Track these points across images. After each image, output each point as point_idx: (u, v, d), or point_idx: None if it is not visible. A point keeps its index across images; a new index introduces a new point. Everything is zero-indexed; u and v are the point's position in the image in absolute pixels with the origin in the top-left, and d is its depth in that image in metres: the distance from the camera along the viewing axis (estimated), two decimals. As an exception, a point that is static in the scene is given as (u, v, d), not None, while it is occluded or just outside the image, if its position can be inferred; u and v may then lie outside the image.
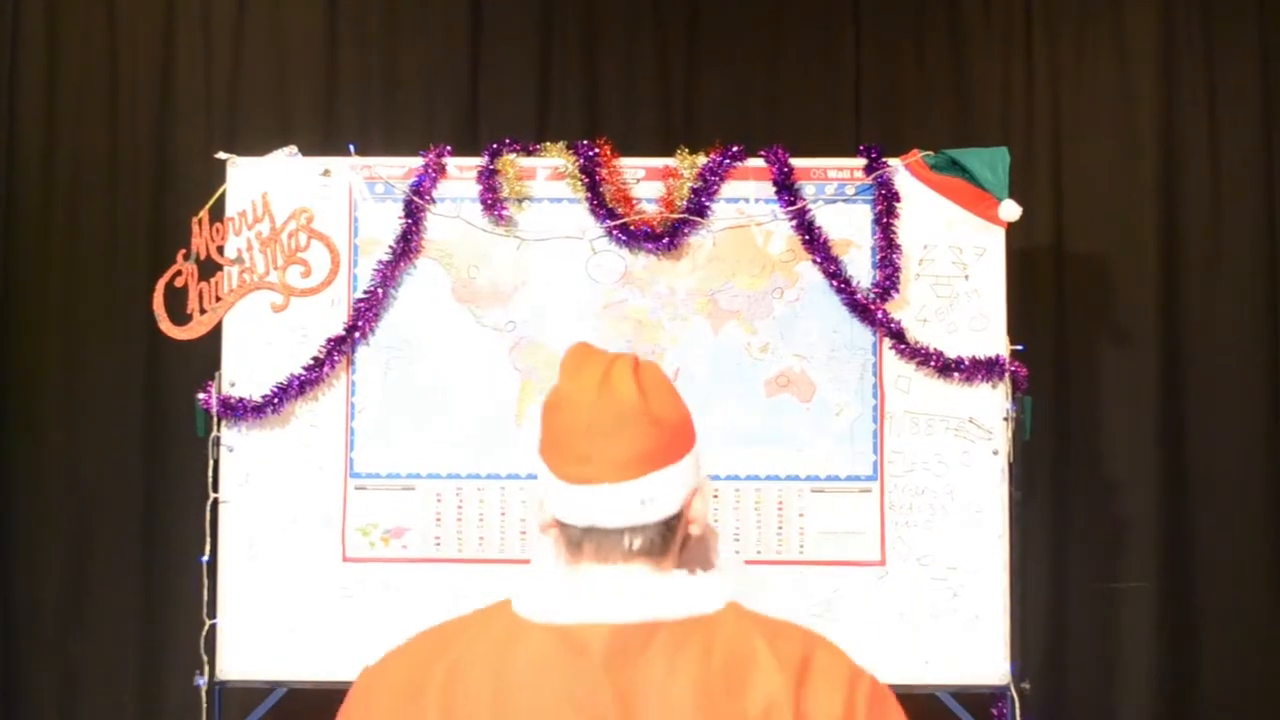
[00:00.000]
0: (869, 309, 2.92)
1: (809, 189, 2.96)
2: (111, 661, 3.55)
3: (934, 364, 2.92)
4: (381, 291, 2.94)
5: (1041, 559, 3.44)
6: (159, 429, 3.53)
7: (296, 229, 2.97)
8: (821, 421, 2.95)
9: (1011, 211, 2.93)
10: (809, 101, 3.60)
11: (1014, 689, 2.89)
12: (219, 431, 2.94)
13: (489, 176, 2.95)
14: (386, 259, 2.95)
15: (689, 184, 2.94)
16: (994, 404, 2.94)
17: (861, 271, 2.96)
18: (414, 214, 2.96)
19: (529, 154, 2.99)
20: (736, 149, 2.96)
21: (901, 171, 2.96)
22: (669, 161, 2.96)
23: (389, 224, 2.96)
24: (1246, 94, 3.60)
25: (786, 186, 2.94)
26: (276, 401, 2.91)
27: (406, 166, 2.99)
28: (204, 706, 2.91)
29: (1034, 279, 3.51)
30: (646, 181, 2.97)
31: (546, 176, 2.98)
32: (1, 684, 3.54)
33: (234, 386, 2.94)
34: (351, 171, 3.00)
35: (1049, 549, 3.50)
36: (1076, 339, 3.57)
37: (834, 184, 2.97)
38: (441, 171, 2.98)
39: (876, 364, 2.95)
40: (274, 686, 2.97)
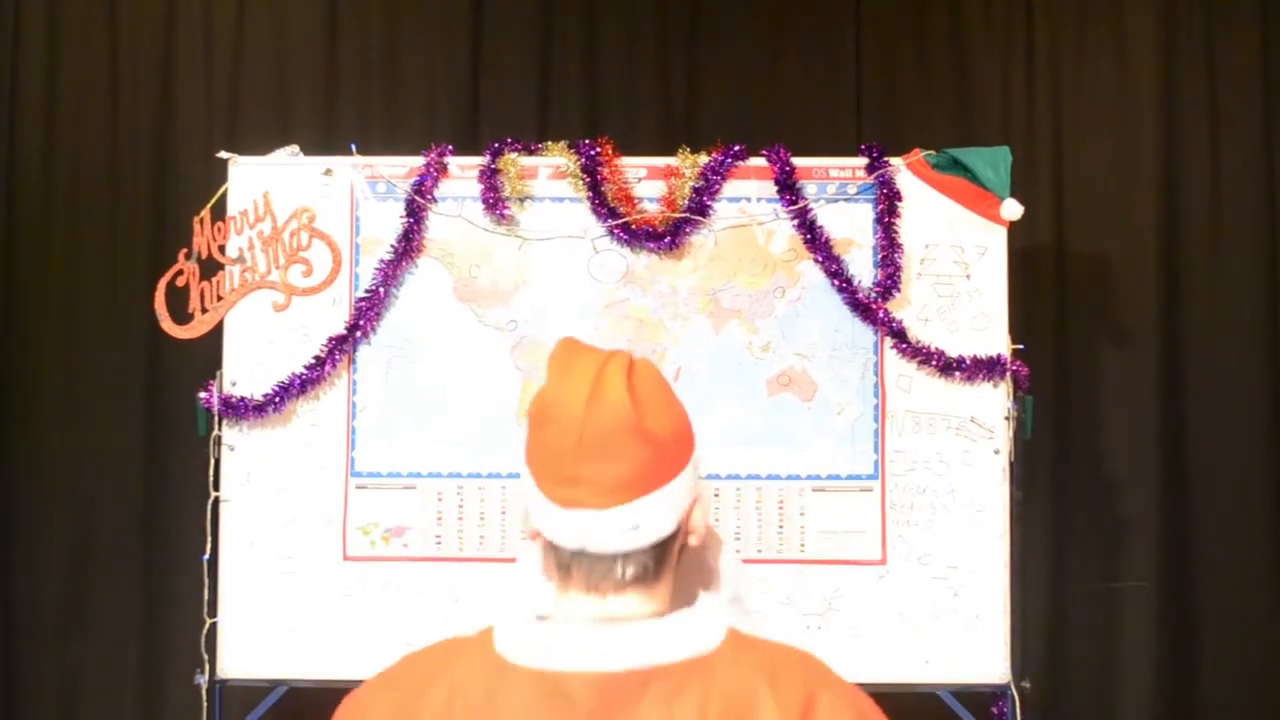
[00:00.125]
0: (870, 308, 2.93)
1: (810, 188, 2.96)
2: (111, 661, 3.54)
3: (935, 363, 2.92)
4: (383, 291, 2.94)
5: (1042, 559, 3.45)
6: (160, 428, 3.53)
7: (298, 228, 2.97)
8: (823, 420, 2.95)
9: (1013, 211, 2.93)
10: (810, 101, 3.60)
11: (1014, 688, 2.89)
12: (220, 430, 2.94)
13: (490, 176, 2.95)
14: (388, 258, 2.95)
15: (690, 183, 2.94)
16: (995, 403, 2.94)
17: (863, 271, 2.96)
18: (415, 213, 2.96)
19: (530, 153, 2.99)
20: (738, 148, 2.96)
21: (903, 171, 2.96)
22: (670, 161, 2.96)
23: (390, 223, 2.96)
24: (1247, 94, 3.60)
25: (788, 186, 2.94)
26: (278, 400, 2.91)
27: (408, 166, 2.99)
28: (204, 705, 2.91)
29: (1035, 278, 3.51)
30: (648, 181, 2.97)
31: (548, 176, 2.98)
32: (1, 684, 3.54)
33: (235, 385, 2.94)
34: (353, 171, 2.99)
35: (1049, 549, 3.50)
36: (1077, 339, 3.57)
37: (835, 183, 2.98)
38: (443, 171, 2.98)
39: (878, 363, 2.95)
40: (275, 685, 2.97)
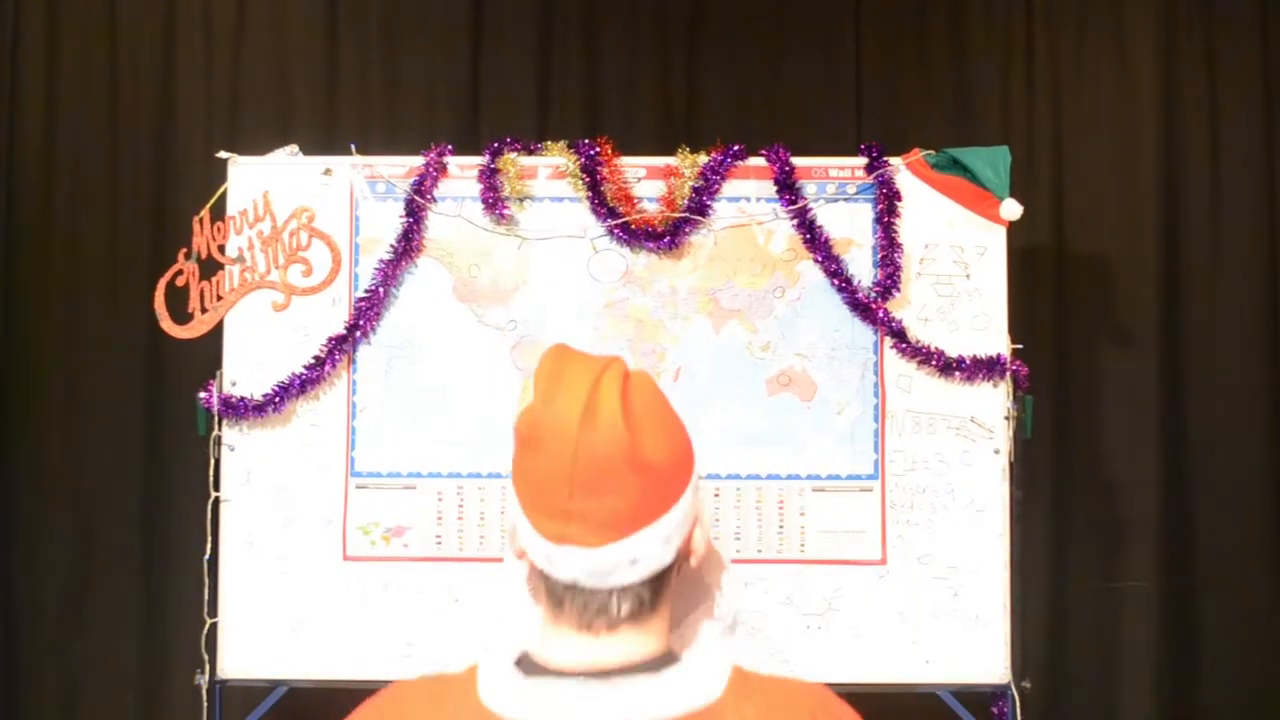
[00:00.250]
0: (870, 308, 2.92)
1: (810, 188, 2.96)
2: (111, 661, 3.54)
3: (935, 363, 2.92)
4: (383, 290, 2.94)
5: (1042, 559, 3.45)
6: (159, 428, 3.53)
7: (298, 228, 2.97)
8: (822, 420, 2.95)
9: (1013, 210, 2.92)
10: (810, 100, 3.60)
11: (1014, 688, 2.89)
12: (220, 430, 2.94)
13: (490, 175, 2.95)
14: (388, 258, 2.94)
15: (690, 183, 2.94)
16: (995, 403, 2.94)
17: (863, 270, 2.96)
18: (415, 213, 2.96)
19: (530, 153, 2.99)
20: (738, 148, 2.96)
21: (903, 170, 2.96)
22: (670, 160, 2.96)
23: (390, 223, 2.96)
24: (1247, 94, 3.60)
25: (788, 185, 2.94)
26: (278, 400, 2.91)
27: (408, 165, 2.99)
28: (204, 705, 2.91)
29: (1035, 278, 3.51)
30: (648, 180, 2.97)
31: (548, 175, 2.98)
32: (1, 684, 3.54)
33: (235, 385, 2.94)
34: (353, 170, 2.99)
35: (1049, 549, 3.50)
36: (1077, 339, 3.57)
37: (835, 183, 2.98)
38: (443, 170, 2.98)
39: (878, 363, 2.95)
40: (275, 685, 2.97)
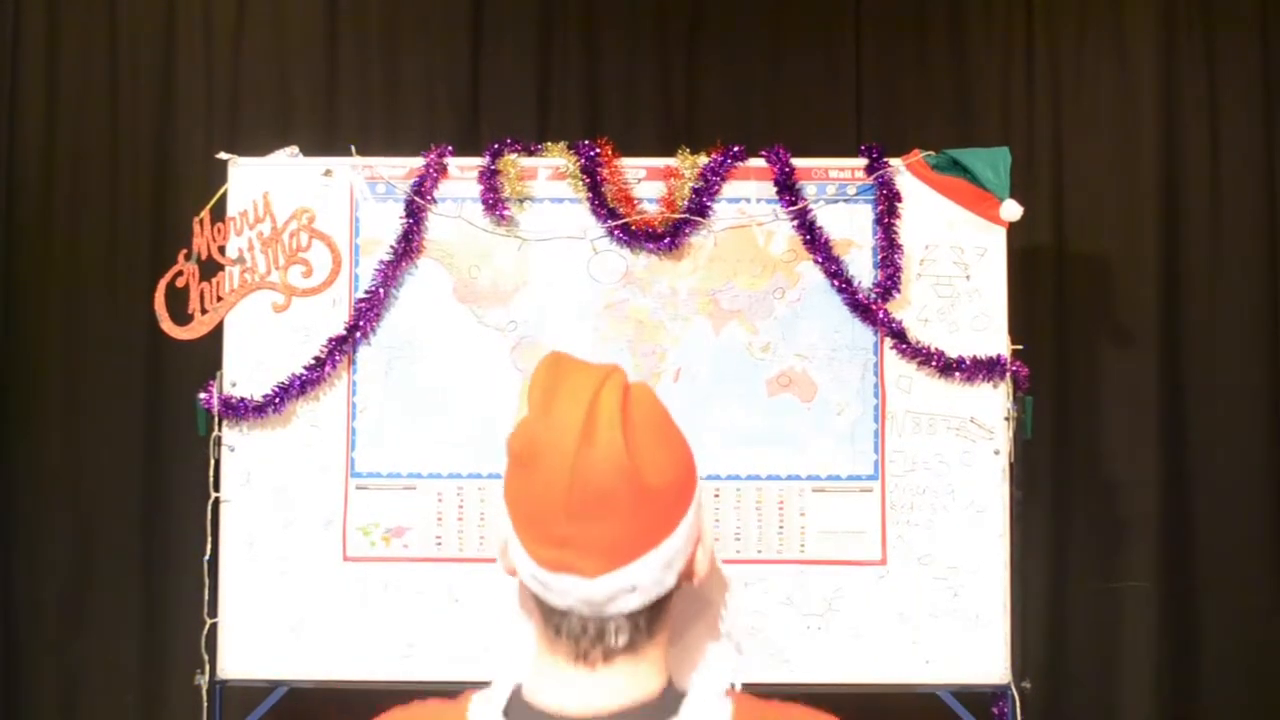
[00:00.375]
0: (870, 309, 2.93)
1: (810, 189, 2.96)
2: (111, 661, 3.54)
3: (935, 364, 2.92)
4: (383, 291, 2.94)
5: (1042, 559, 3.45)
6: (159, 428, 3.53)
7: (298, 229, 2.97)
8: (823, 421, 2.95)
9: (1013, 211, 2.93)
10: (810, 101, 3.60)
11: (1014, 688, 2.89)
12: (220, 431, 2.94)
13: (490, 176, 2.95)
14: (388, 259, 2.95)
15: (690, 184, 2.94)
16: (995, 403, 2.94)
17: (863, 271, 2.96)
18: (415, 214, 2.96)
19: (530, 154, 2.99)
20: (738, 149, 2.96)
21: (903, 171, 2.96)
22: (670, 161, 2.96)
23: (390, 224, 2.96)
24: (1247, 94, 3.60)
25: (788, 186, 2.94)
26: (278, 401, 2.92)
27: (408, 166, 2.99)
28: (205, 706, 2.91)
29: (1035, 279, 3.51)
30: (648, 181, 2.97)
31: (548, 176, 2.98)
32: (1, 684, 3.54)
33: (235, 386, 2.94)
34: (353, 171, 2.99)
35: (1049, 549, 3.50)
36: (1077, 339, 3.57)
37: (835, 184, 2.98)
38: (443, 171, 2.98)
39: (878, 364, 2.95)
40: (275, 685, 2.97)
